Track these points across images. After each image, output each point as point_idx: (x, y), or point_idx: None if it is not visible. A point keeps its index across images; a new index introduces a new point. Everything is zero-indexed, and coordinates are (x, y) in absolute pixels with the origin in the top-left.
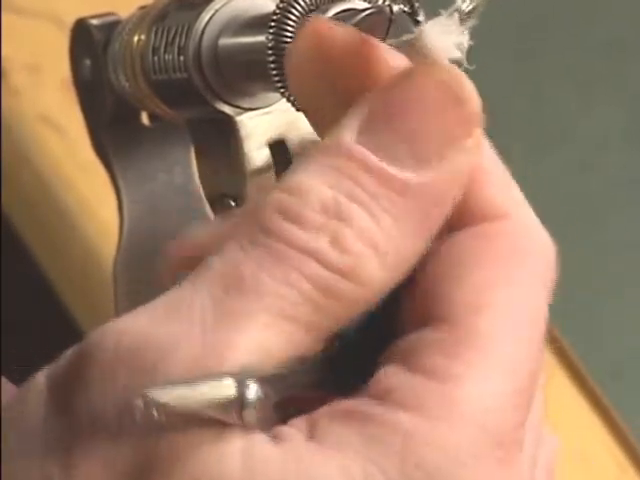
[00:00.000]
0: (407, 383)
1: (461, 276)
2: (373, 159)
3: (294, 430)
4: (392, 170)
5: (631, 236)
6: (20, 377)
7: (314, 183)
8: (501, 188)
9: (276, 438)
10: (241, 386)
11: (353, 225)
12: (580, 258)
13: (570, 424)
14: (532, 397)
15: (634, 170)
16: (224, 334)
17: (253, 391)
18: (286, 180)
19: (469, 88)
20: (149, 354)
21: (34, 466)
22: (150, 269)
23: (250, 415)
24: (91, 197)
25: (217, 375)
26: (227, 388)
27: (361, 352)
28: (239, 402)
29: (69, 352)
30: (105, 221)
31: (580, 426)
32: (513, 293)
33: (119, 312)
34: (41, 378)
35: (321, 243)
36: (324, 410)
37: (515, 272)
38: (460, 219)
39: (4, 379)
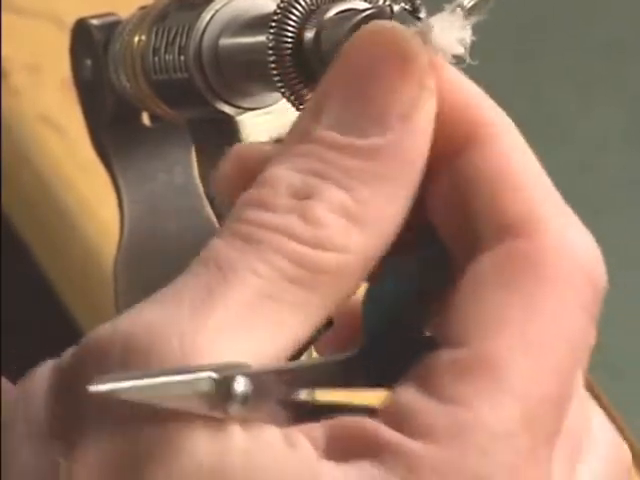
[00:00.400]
0: (419, 405)
1: (480, 298)
2: (337, 137)
3: (306, 439)
4: (357, 141)
5: (630, 236)
6: (20, 377)
7: (282, 171)
8: (538, 199)
9: (286, 439)
10: (226, 379)
11: (323, 198)
12: None
13: None
14: (551, 423)
15: (633, 171)
16: (210, 315)
17: (241, 385)
18: (258, 177)
19: (411, 44)
20: (141, 337)
21: (41, 452)
22: (151, 268)
23: (235, 410)
24: (91, 197)
25: (200, 367)
26: (204, 383)
27: (384, 357)
28: (223, 396)
29: (78, 344)
30: (105, 221)
31: None
32: (532, 317)
33: (120, 312)
34: (45, 369)
35: (292, 221)
36: (337, 425)
37: (538, 294)
38: (493, 233)
39: (4, 379)
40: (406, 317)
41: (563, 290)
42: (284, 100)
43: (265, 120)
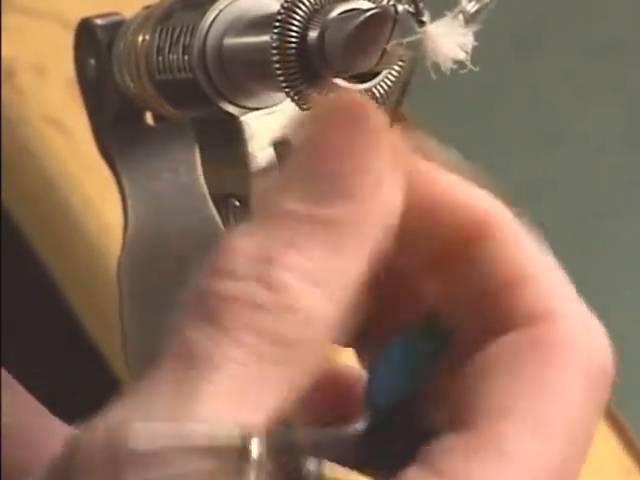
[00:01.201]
0: None
1: (488, 384)
2: (296, 205)
3: None
4: (316, 209)
5: (630, 238)
6: (24, 377)
7: (239, 239)
8: (548, 286)
9: None
10: (245, 439)
11: (281, 262)
12: (579, 260)
13: None
14: None
15: (633, 172)
16: (190, 411)
17: (258, 446)
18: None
19: (375, 117)
20: (120, 440)
21: None
22: (155, 268)
23: (252, 472)
24: (96, 197)
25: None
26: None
27: (388, 436)
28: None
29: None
30: (110, 221)
31: None
32: (539, 401)
33: (123, 312)
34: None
35: (252, 287)
36: None
37: (546, 382)
38: (503, 323)
39: (4, 371)
40: (408, 397)
41: (571, 379)
42: (288, 100)
43: (269, 120)
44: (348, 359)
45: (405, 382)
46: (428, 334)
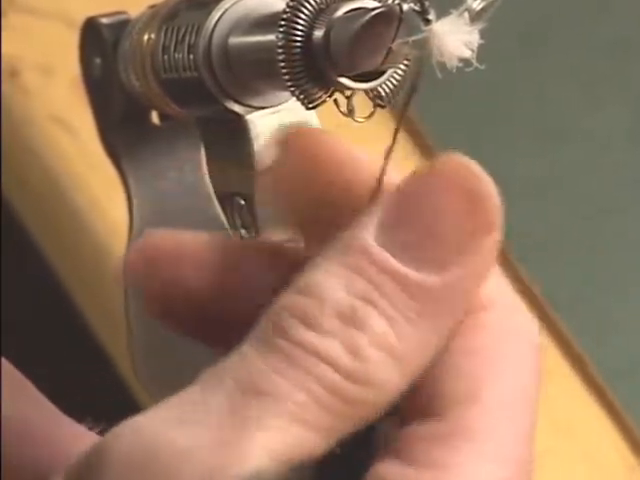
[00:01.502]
0: (400, 475)
1: (449, 370)
2: (391, 261)
3: None
4: (410, 273)
5: (635, 235)
6: (28, 377)
7: (330, 285)
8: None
9: None
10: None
11: (368, 330)
12: (585, 258)
13: (579, 424)
14: None
15: (638, 170)
16: (239, 442)
17: None
18: (302, 280)
19: (486, 186)
20: (162, 459)
21: None
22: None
23: None
24: (102, 196)
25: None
26: None
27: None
28: None
29: (85, 451)
30: (116, 220)
31: (589, 426)
32: (501, 382)
33: (129, 310)
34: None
35: (335, 349)
36: None
37: (502, 360)
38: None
39: (6, 363)
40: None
41: (522, 354)
42: (293, 99)
43: (274, 119)
44: None
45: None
46: None
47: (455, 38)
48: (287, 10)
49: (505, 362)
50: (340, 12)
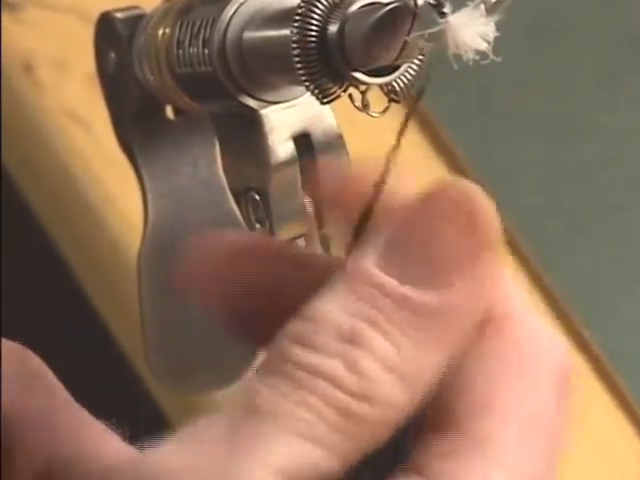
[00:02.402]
0: None
1: (462, 384)
2: (392, 283)
3: None
4: (411, 293)
5: None
6: None
7: (331, 309)
8: (502, 291)
9: None
10: None
11: (370, 349)
12: (604, 253)
13: (592, 417)
14: None
15: None
16: (244, 460)
17: None
18: (305, 308)
19: (485, 208)
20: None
21: None
22: (174, 263)
23: None
24: (117, 191)
25: None
26: None
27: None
28: None
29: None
30: (130, 215)
31: (602, 419)
32: (514, 398)
33: (143, 304)
34: None
35: (337, 367)
36: None
37: (516, 377)
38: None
39: (4, 339)
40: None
41: (539, 371)
42: (308, 94)
43: (288, 114)
44: None
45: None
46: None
47: (471, 30)
48: (302, 5)
49: (518, 377)
50: (355, 7)
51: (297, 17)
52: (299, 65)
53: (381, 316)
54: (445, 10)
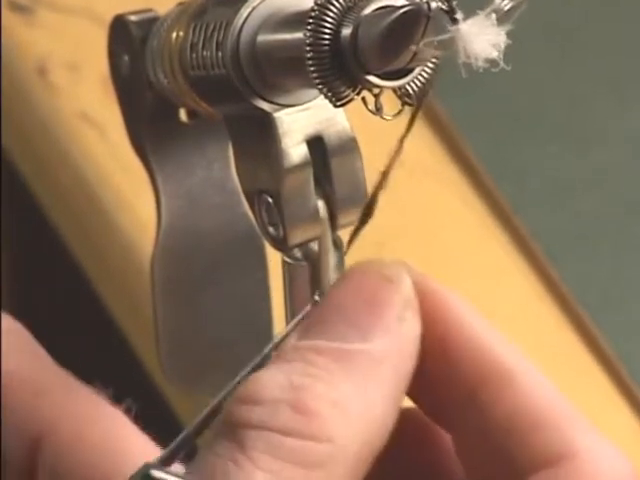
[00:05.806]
0: None
1: None
2: (323, 343)
3: None
4: (340, 345)
5: None
6: None
7: (268, 373)
8: (568, 431)
9: None
10: None
11: (311, 391)
12: (618, 258)
13: (605, 418)
14: None
15: None
16: None
17: None
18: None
19: (394, 268)
20: None
21: None
22: (187, 265)
23: None
24: (130, 194)
25: None
26: None
27: None
28: None
29: None
30: (144, 217)
31: (617, 426)
32: None
33: (156, 306)
34: None
35: (282, 411)
36: None
37: None
38: (526, 462)
39: (3, 313)
40: None
41: None
42: (321, 97)
43: (302, 117)
44: None
45: None
46: None
47: (482, 39)
48: (315, 8)
49: None
50: (368, 10)
51: (310, 20)
52: (312, 68)
53: (315, 368)
54: (457, 17)
